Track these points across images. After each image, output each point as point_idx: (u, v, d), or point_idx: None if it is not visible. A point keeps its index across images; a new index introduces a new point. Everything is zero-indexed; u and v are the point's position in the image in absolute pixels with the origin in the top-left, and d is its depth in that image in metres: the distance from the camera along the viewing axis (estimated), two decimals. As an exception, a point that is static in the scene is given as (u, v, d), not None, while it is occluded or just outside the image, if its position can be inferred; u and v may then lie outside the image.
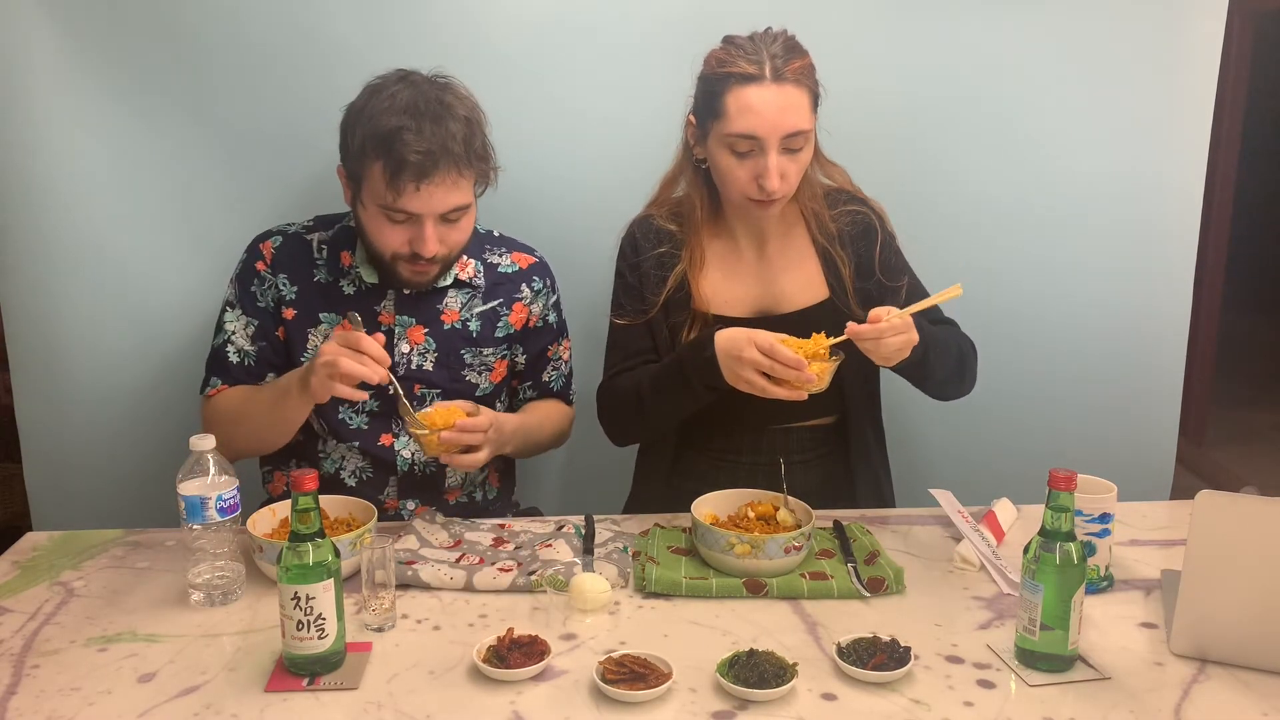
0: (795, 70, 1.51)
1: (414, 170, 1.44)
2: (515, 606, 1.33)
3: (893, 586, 1.37)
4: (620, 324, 1.68)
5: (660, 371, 1.59)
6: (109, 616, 1.31)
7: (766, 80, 1.49)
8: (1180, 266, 2.09)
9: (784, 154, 1.52)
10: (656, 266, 1.66)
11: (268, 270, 1.63)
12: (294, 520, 1.15)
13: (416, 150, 1.44)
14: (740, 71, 1.50)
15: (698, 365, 1.50)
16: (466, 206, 1.53)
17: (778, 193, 1.53)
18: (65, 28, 1.76)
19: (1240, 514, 1.16)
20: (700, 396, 1.54)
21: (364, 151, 1.48)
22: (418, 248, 1.51)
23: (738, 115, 1.50)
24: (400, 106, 1.47)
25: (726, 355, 1.46)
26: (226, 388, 1.63)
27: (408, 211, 1.48)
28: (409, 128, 1.45)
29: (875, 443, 1.76)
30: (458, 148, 1.47)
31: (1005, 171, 2.01)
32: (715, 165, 1.58)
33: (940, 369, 1.59)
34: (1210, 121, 2.01)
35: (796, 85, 1.51)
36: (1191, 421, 3.74)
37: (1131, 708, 1.11)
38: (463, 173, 1.49)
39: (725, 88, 1.51)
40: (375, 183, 1.48)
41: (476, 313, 1.68)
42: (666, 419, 1.64)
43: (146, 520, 1.64)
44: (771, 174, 1.51)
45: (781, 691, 1.11)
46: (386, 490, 1.69)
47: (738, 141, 1.52)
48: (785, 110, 1.50)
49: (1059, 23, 1.95)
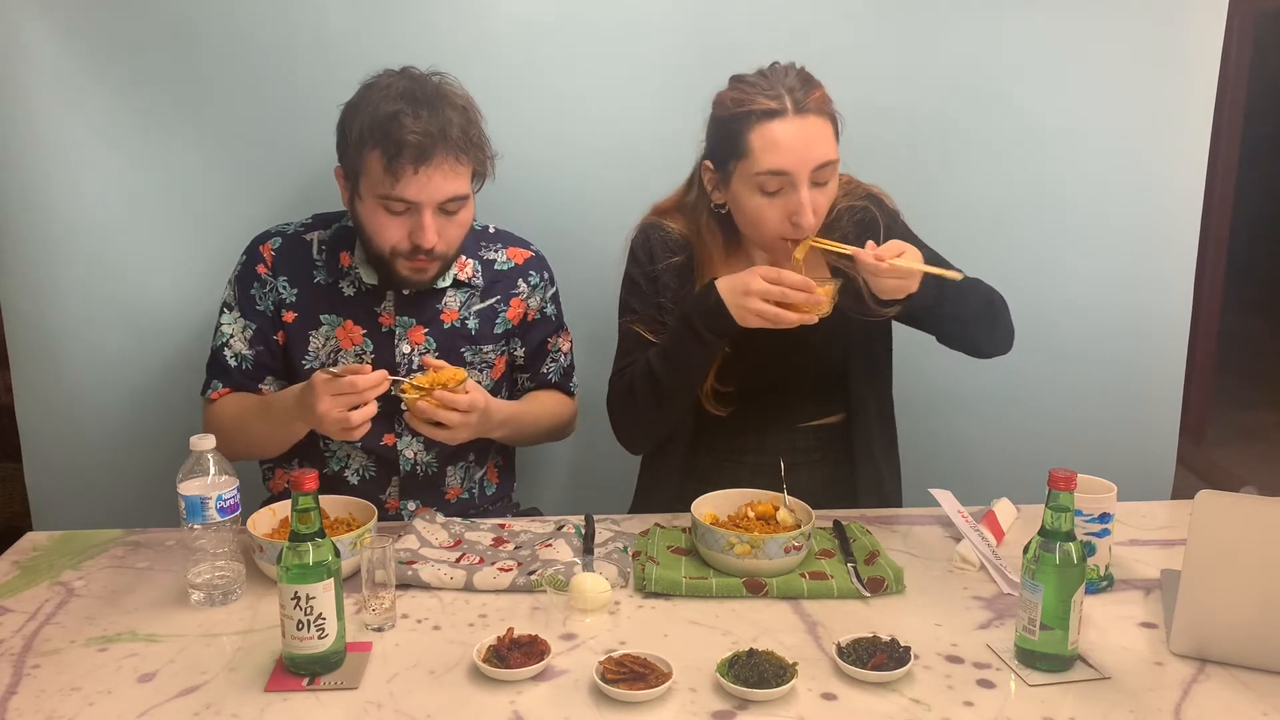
0: (815, 101, 1.47)
1: (412, 152, 1.45)
2: (515, 606, 1.33)
3: (893, 586, 1.37)
4: (633, 330, 1.65)
5: (666, 338, 1.57)
6: (109, 616, 1.31)
7: (789, 114, 1.46)
8: (1181, 266, 2.09)
9: (813, 187, 1.48)
10: (674, 277, 1.63)
11: (268, 273, 1.63)
12: (294, 520, 1.15)
13: (414, 131, 1.45)
14: (761, 108, 1.46)
15: (704, 314, 1.49)
16: (464, 198, 1.53)
17: (812, 229, 1.50)
18: (64, 28, 1.76)
19: (1240, 514, 1.16)
20: (712, 348, 1.52)
21: (362, 141, 1.48)
22: (417, 239, 1.51)
23: (764, 152, 1.46)
24: (397, 94, 1.48)
25: (733, 294, 1.46)
26: (229, 391, 1.63)
27: (406, 200, 1.48)
28: (406, 112, 1.46)
29: (882, 442, 1.75)
30: (455, 133, 1.48)
31: (1005, 173, 2.01)
32: (743, 208, 1.54)
33: (963, 314, 1.56)
34: (1210, 122, 2.01)
35: (819, 115, 1.47)
36: (1191, 421, 3.73)
37: (1131, 707, 1.11)
38: (460, 160, 1.49)
39: (747, 126, 1.47)
40: (374, 172, 1.48)
41: (475, 310, 1.68)
42: (679, 390, 1.58)
43: (146, 520, 1.64)
44: (805, 210, 1.47)
45: (781, 691, 1.11)
46: (388, 490, 1.69)
47: (767, 180, 1.47)
48: (812, 142, 1.46)
49: (1059, 24, 1.95)
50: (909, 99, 1.95)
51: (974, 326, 1.61)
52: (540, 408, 1.76)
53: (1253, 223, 4.18)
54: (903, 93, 1.94)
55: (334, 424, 1.41)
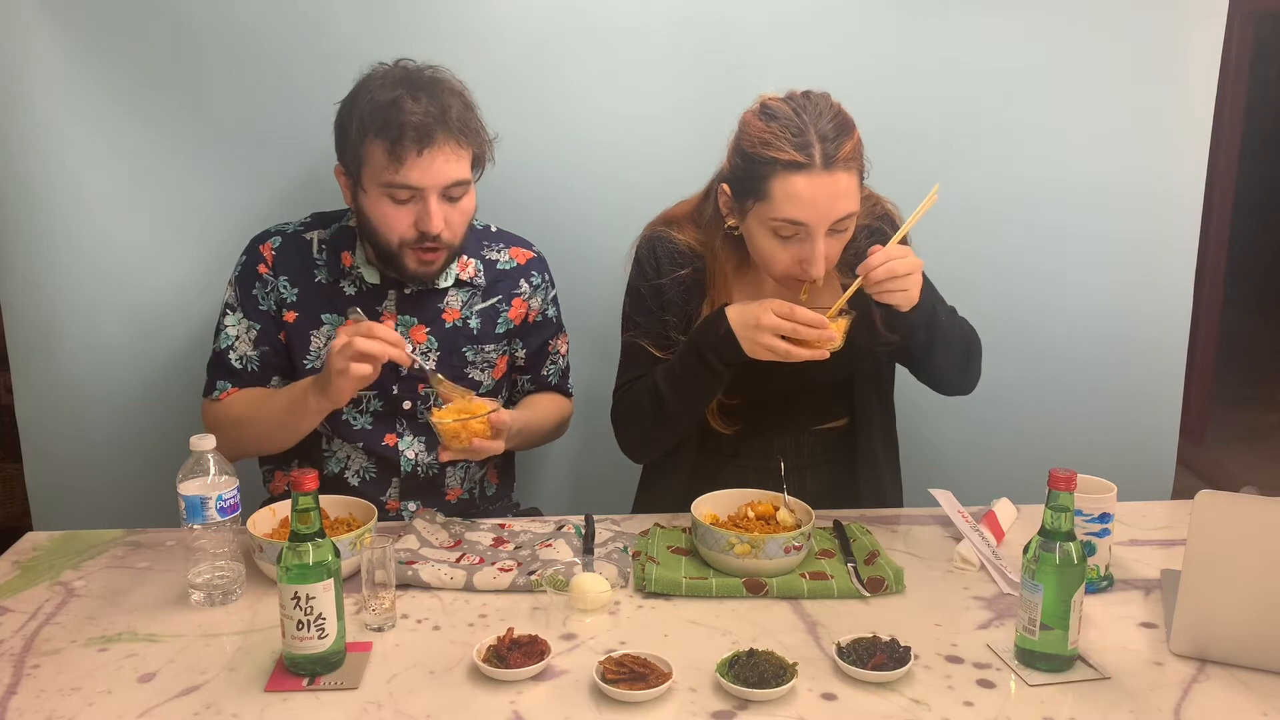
0: (846, 156, 1.42)
1: (415, 135, 1.45)
2: (515, 606, 1.33)
3: (893, 586, 1.37)
4: (637, 343, 1.64)
5: (674, 362, 1.56)
6: (109, 616, 1.31)
7: (816, 168, 1.40)
8: (1180, 266, 2.09)
9: (830, 234, 1.46)
10: (679, 292, 1.61)
11: (269, 273, 1.63)
12: (294, 520, 1.15)
13: (415, 113, 1.45)
14: (788, 159, 1.41)
15: (713, 343, 1.48)
16: (466, 183, 1.53)
17: (821, 277, 1.48)
18: (64, 26, 1.76)
19: (1240, 514, 1.16)
20: (720, 376, 1.51)
21: (363, 132, 1.49)
22: (424, 226, 1.50)
23: (785, 202, 1.42)
24: (394, 81, 1.50)
25: (743, 326, 1.45)
26: (236, 390, 1.63)
27: (411, 186, 1.48)
28: (405, 97, 1.47)
29: (884, 448, 1.75)
30: (454, 116, 1.49)
31: (1005, 173, 2.01)
32: (754, 244, 1.51)
33: (950, 342, 1.57)
34: (1210, 122, 2.01)
35: (846, 170, 1.42)
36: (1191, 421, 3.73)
37: (1131, 707, 1.11)
38: (460, 144, 1.50)
39: (771, 172, 1.42)
40: (376, 161, 1.48)
41: (476, 310, 1.68)
42: (684, 413, 1.58)
43: (146, 520, 1.64)
44: (817, 261, 1.44)
45: (781, 691, 1.11)
46: (389, 491, 1.69)
47: (783, 227, 1.44)
48: (835, 199, 1.42)
49: (1058, 24, 1.95)
50: (909, 100, 1.95)
51: (955, 359, 1.61)
52: (545, 412, 1.76)
53: (1253, 223, 4.17)
54: (903, 94, 1.94)
55: (340, 346, 1.41)
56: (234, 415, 1.61)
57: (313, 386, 1.49)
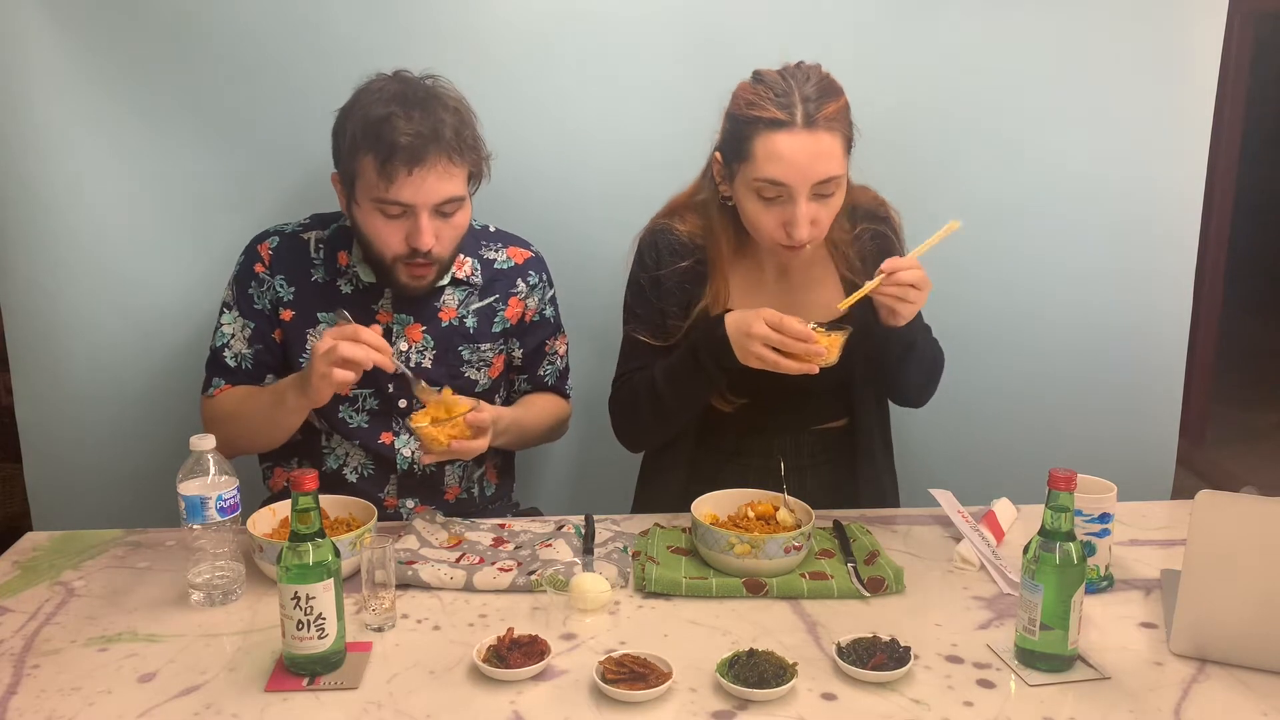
0: (829, 115, 1.44)
1: (405, 154, 1.44)
2: (515, 606, 1.33)
3: (892, 586, 1.37)
4: (635, 335, 1.65)
5: (673, 359, 1.58)
6: (109, 616, 1.31)
7: (797, 126, 1.43)
8: (1180, 266, 2.09)
9: (814, 200, 1.47)
10: (678, 284, 1.62)
11: (266, 272, 1.63)
12: (294, 520, 1.15)
13: (406, 133, 1.44)
14: (770, 116, 1.44)
15: (710, 346, 1.50)
16: (460, 199, 1.53)
17: (807, 240, 1.49)
18: (65, 27, 1.76)
19: (1240, 514, 1.16)
20: (714, 378, 1.53)
21: (355, 146, 1.48)
22: (414, 242, 1.50)
23: (765, 161, 1.45)
24: (388, 97, 1.48)
25: (737, 332, 1.47)
26: (229, 387, 1.64)
27: (401, 203, 1.48)
28: (398, 114, 1.46)
29: (882, 448, 1.76)
30: (448, 133, 1.47)
31: (1005, 172, 2.01)
32: (742, 209, 1.53)
33: (925, 356, 1.62)
34: (1210, 122, 2.02)
35: (829, 131, 1.44)
36: (1191, 421, 3.73)
37: (1131, 707, 1.11)
38: (454, 161, 1.49)
39: (754, 132, 1.45)
40: (368, 177, 1.48)
41: (473, 309, 1.68)
42: (681, 409, 1.61)
43: (146, 520, 1.64)
44: (800, 223, 1.46)
45: (781, 691, 1.11)
46: (387, 488, 1.69)
47: (765, 187, 1.47)
48: (816, 158, 1.44)
49: (1059, 25, 1.95)
50: (910, 98, 1.95)
51: (917, 379, 1.68)
52: (539, 412, 1.76)
53: (1253, 222, 4.18)
54: (904, 91, 1.94)
55: (325, 350, 1.40)
56: (226, 411, 1.62)
57: (293, 385, 1.49)
